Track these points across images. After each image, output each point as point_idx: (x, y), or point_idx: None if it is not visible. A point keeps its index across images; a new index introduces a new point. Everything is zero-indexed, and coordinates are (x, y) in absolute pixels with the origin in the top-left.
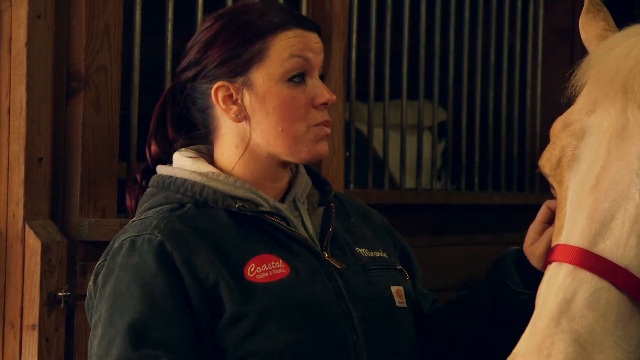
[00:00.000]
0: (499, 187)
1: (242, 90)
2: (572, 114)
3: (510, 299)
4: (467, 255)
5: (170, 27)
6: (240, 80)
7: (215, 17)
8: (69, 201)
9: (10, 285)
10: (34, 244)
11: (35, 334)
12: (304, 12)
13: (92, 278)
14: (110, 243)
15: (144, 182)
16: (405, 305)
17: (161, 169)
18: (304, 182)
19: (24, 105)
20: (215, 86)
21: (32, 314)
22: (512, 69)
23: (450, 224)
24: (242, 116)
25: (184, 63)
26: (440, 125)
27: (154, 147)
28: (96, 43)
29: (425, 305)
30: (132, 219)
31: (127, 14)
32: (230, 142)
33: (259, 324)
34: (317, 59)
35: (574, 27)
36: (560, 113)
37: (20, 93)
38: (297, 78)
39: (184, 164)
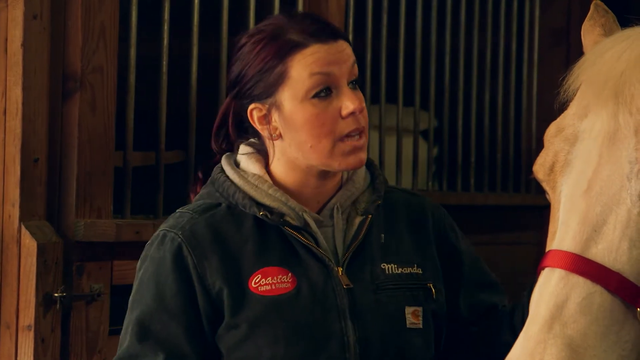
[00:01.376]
0: (495, 188)
1: (272, 110)
2: (564, 119)
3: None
4: None
5: (166, 27)
6: (269, 101)
7: (247, 36)
8: (65, 202)
9: (6, 286)
10: (29, 244)
11: (31, 334)
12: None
13: None
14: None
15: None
16: (421, 326)
17: (223, 160)
18: (354, 189)
19: (20, 106)
20: (249, 109)
21: (28, 315)
22: (508, 69)
23: None
24: (277, 135)
25: (228, 78)
26: (435, 130)
27: (216, 146)
28: (92, 43)
29: (468, 314)
30: (180, 208)
31: (123, 15)
32: (272, 154)
33: (249, 334)
34: (341, 69)
35: (569, 28)
36: (556, 114)
37: (16, 94)
38: (323, 92)
39: (240, 159)
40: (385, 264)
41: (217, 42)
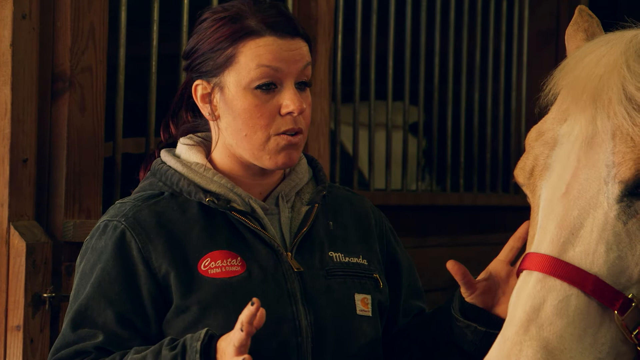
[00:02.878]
0: (484, 188)
1: (215, 90)
2: (545, 123)
3: (451, 324)
4: (452, 256)
5: (155, 27)
6: (214, 81)
7: (210, 12)
8: (54, 202)
9: None
10: (18, 244)
11: (20, 335)
12: None
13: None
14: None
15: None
16: (370, 314)
17: (162, 154)
18: (297, 179)
19: (9, 106)
20: (195, 84)
21: (17, 315)
22: (497, 70)
23: (435, 224)
24: (216, 115)
25: (184, 50)
26: (423, 125)
27: (172, 126)
28: (81, 43)
29: (402, 318)
30: (118, 200)
31: (112, 15)
32: (214, 136)
33: (200, 317)
34: (290, 67)
35: (558, 29)
36: (537, 118)
37: (5, 94)
38: (266, 86)
39: (181, 151)
40: (332, 252)
41: None
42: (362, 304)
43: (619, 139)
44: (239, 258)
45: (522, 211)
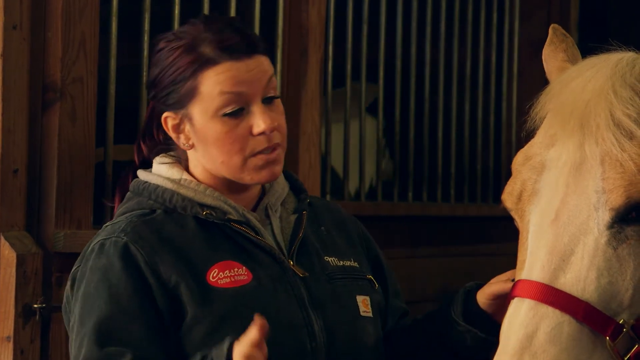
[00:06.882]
0: (475, 199)
1: (185, 121)
2: (532, 148)
3: (449, 328)
4: (443, 267)
5: (146, 38)
6: (182, 112)
7: (165, 41)
8: (45, 212)
9: None
10: (9, 255)
11: (10, 346)
12: (280, 24)
13: (68, 283)
14: (85, 248)
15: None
16: (371, 315)
17: (140, 174)
18: (279, 189)
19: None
20: (163, 116)
21: (7, 326)
22: (487, 80)
23: (426, 235)
24: (190, 145)
25: (148, 78)
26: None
27: (144, 148)
28: (72, 54)
29: (391, 319)
30: (106, 223)
31: (103, 25)
32: (192, 159)
33: (217, 327)
34: (253, 88)
35: None
36: (523, 142)
37: None
38: (233, 112)
39: (160, 170)
40: (327, 257)
41: None
42: (364, 305)
43: (608, 164)
44: (244, 267)
45: (513, 221)
